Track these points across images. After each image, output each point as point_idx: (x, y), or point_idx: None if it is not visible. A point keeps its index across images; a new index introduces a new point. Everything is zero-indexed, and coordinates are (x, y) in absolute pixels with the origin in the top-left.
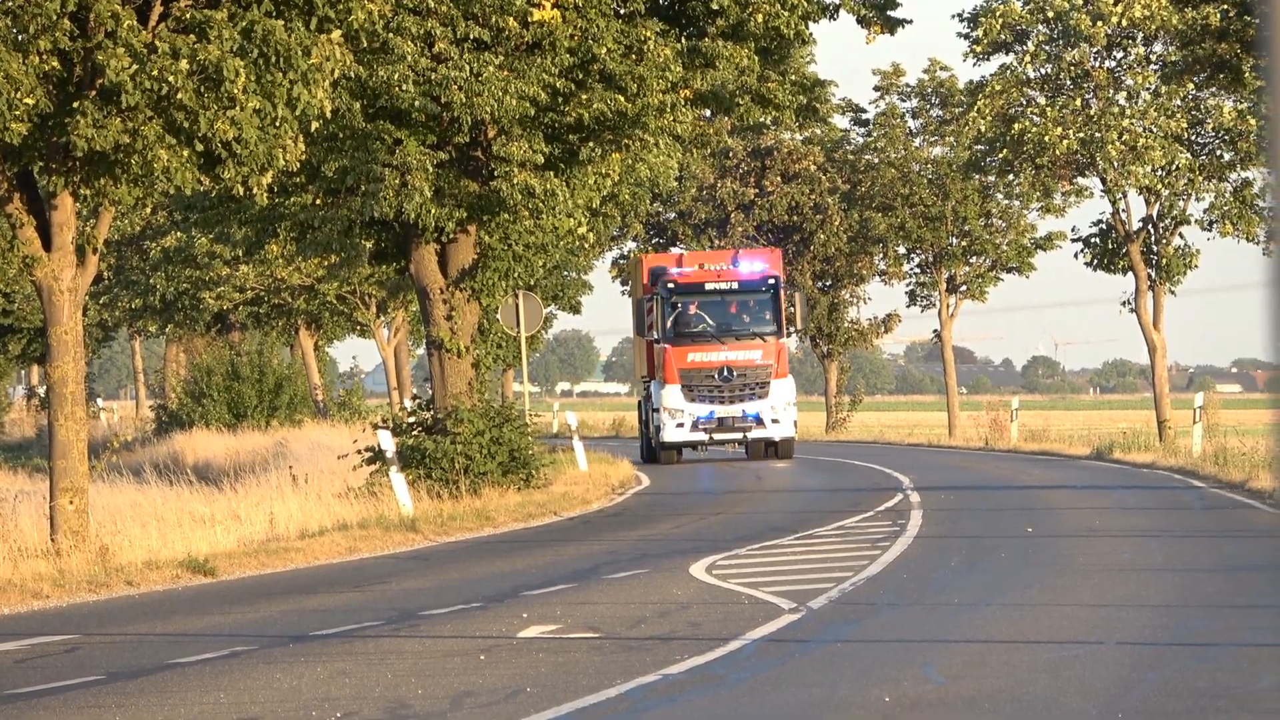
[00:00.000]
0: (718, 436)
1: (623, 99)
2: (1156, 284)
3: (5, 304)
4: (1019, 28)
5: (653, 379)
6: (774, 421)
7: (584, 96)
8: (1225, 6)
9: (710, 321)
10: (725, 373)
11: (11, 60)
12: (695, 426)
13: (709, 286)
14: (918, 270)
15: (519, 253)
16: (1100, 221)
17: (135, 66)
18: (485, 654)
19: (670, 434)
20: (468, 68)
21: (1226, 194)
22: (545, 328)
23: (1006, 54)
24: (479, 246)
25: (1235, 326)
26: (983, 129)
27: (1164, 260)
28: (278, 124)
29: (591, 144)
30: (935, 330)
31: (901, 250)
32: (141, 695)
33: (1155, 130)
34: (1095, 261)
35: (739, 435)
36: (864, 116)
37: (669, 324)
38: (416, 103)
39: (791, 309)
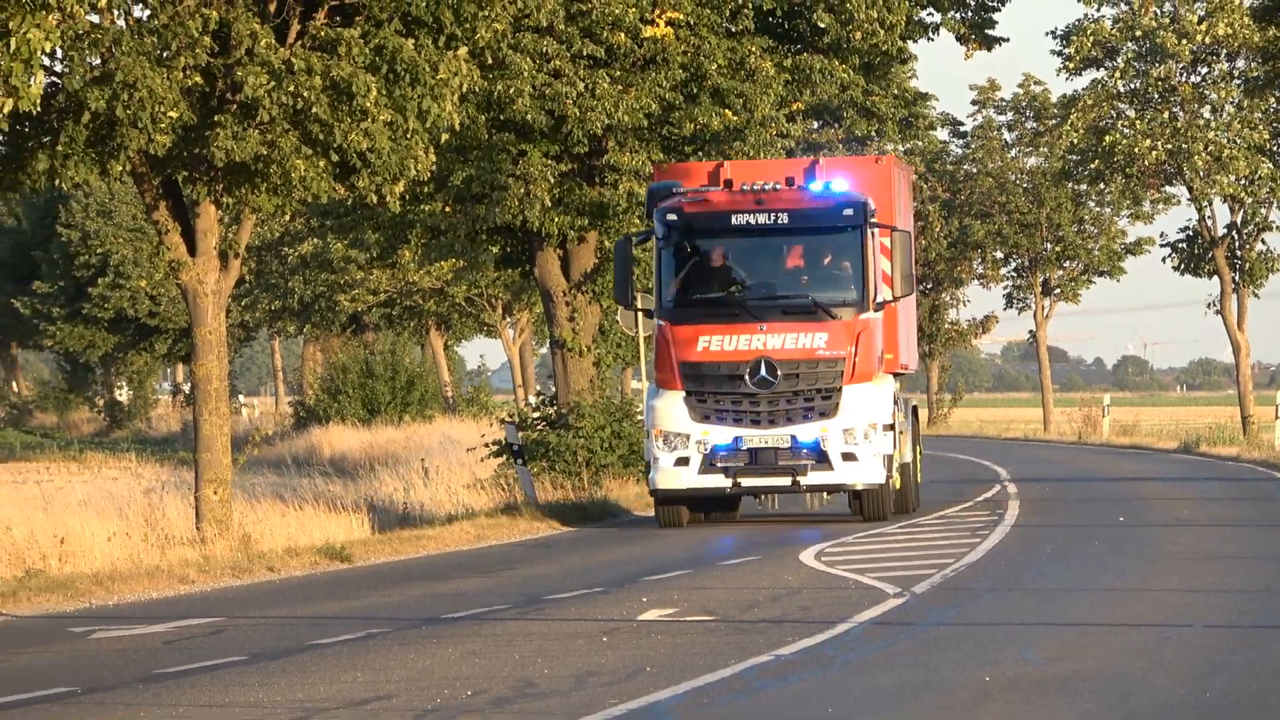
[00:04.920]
0: (746, 483)
1: (730, 114)
2: (1240, 286)
3: (153, 306)
4: (1109, 45)
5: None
6: (846, 458)
7: (693, 110)
8: None
9: (744, 280)
10: (762, 370)
11: (156, 76)
12: (710, 465)
13: (737, 220)
14: (1014, 274)
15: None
16: (1187, 228)
17: (272, 83)
18: (607, 636)
19: (666, 477)
20: (581, 83)
21: None
22: None
23: (1097, 69)
24: (600, 251)
25: None
26: (1075, 141)
27: (1247, 264)
28: (409, 135)
29: (700, 155)
30: (1031, 331)
31: (999, 255)
32: (283, 675)
33: (1239, 141)
34: (1182, 265)
35: (785, 480)
36: (962, 129)
37: (672, 286)
38: (530, 115)
39: (891, 260)
